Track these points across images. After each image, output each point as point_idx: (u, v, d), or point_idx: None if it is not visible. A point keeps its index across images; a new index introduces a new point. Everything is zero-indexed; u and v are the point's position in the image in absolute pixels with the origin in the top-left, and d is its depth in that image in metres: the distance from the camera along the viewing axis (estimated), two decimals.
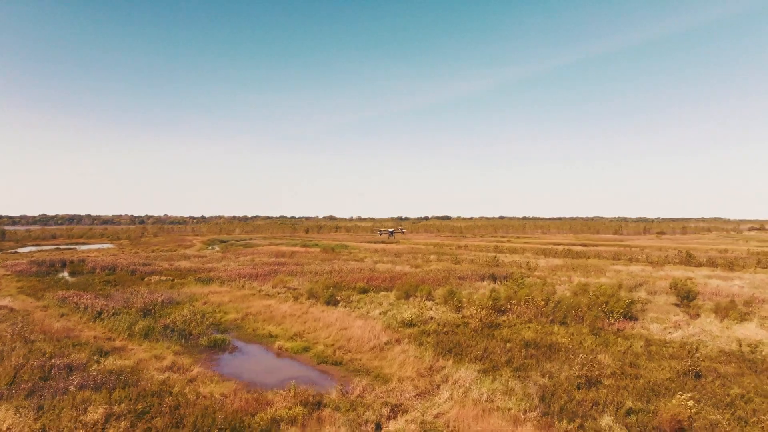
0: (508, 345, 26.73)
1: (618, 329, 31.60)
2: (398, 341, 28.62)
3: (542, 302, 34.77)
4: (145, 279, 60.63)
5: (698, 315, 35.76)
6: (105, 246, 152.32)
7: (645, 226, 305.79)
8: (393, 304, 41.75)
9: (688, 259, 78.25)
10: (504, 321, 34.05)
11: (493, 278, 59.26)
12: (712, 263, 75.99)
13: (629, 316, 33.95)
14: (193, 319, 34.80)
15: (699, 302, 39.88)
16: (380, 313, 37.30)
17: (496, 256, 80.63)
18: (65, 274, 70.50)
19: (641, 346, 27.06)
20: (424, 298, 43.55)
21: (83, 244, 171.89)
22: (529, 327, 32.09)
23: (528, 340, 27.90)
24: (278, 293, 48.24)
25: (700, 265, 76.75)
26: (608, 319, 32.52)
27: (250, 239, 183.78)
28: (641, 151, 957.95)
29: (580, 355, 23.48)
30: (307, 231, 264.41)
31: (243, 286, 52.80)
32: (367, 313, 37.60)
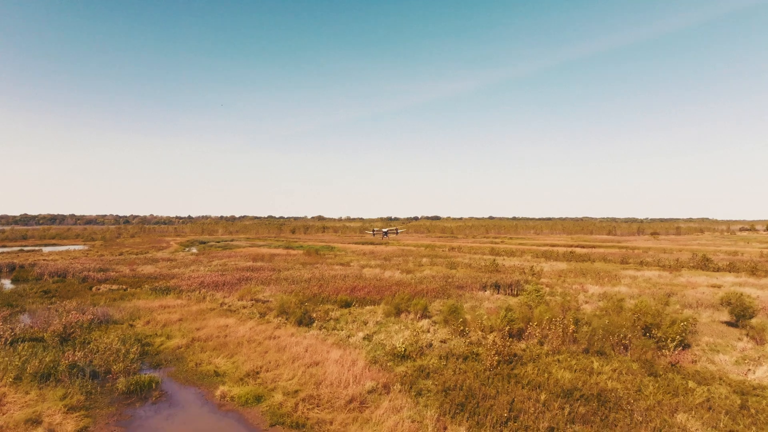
0: (542, 396, 18.91)
1: (672, 363, 24.03)
2: (387, 387, 20.68)
3: (572, 325, 27.03)
4: (94, 288, 51.94)
5: (765, 340, 28.35)
6: (75, 248, 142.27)
7: (639, 226, 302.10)
8: (381, 324, 33.83)
9: (704, 263, 71.47)
10: (524, 351, 26.27)
11: (497, 287, 51.62)
12: (732, 268, 69.26)
13: (683, 344, 26.39)
14: (122, 347, 26.49)
15: (762, 321, 32.36)
16: (364, 338, 29.35)
17: (494, 260, 73.17)
18: (7, 281, 61.38)
19: (725, 395, 19.45)
20: (418, 315, 35.68)
21: (54, 245, 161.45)
22: (558, 360, 24.35)
23: (565, 386, 20.12)
24: (243, 308, 40.03)
25: (718, 269, 70.02)
26: (661, 350, 24.89)
27: (232, 240, 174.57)
28: (630, 152, 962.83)
29: (655, 419, 15.79)
30: (293, 231, 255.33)
31: (203, 298, 44.47)
32: (348, 337, 29.60)
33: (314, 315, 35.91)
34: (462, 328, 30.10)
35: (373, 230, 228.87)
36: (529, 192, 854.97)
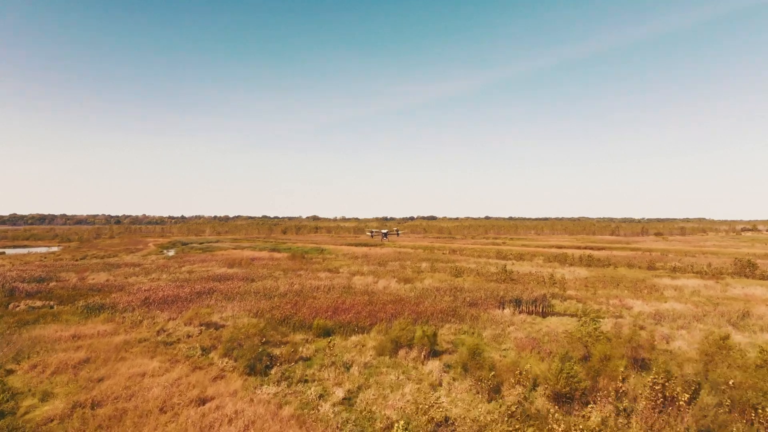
0: None
1: None
2: None
3: (684, 394, 16.72)
4: (12, 305, 41.26)
5: None
6: (44, 249, 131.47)
7: (643, 226, 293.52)
8: (370, 369, 23.53)
9: (749, 269, 61.64)
10: (602, 429, 15.98)
11: (517, 303, 41.50)
12: None
13: None
14: None
15: None
16: (343, 400, 19.08)
17: (505, 266, 62.99)
18: None
19: None
20: (424, 353, 25.41)
21: (25, 246, 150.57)
22: None
23: None
24: (186, 337, 29.66)
25: (764, 277, 60.25)
26: None
27: (217, 241, 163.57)
28: (625, 152, 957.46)
29: None
30: (284, 232, 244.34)
31: (140, 322, 33.92)
32: (318, 399, 19.28)
33: (277, 352, 25.58)
34: (491, 379, 19.86)
35: (371, 231, 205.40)
36: (526, 192, 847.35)
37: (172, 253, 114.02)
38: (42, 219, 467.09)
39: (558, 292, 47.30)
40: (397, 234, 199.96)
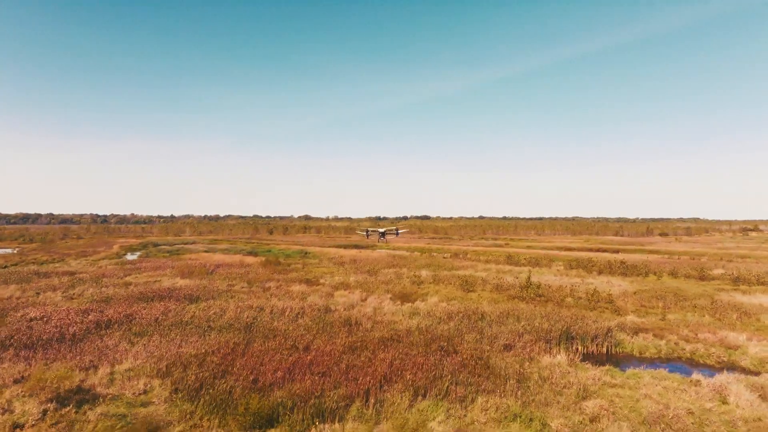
0: None
1: None
2: None
3: None
4: None
5: None
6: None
7: (648, 226, 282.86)
8: None
9: None
10: None
11: (570, 338, 28.25)
12: None
13: None
14: None
15: None
16: None
17: (528, 277, 49.57)
18: None
19: None
20: None
21: None
22: None
23: None
24: None
25: None
26: None
27: (194, 242, 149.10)
28: (617, 152, 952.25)
29: None
30: (270, 232, 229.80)
31: None
32: None
33: None
34: None
35: (366, 230, 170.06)
36: (519, 191, 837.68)
37: (133, 256, 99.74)
38: (26, 218, 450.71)
39: (616, 318, 34.11)
40: (397, 234, 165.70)
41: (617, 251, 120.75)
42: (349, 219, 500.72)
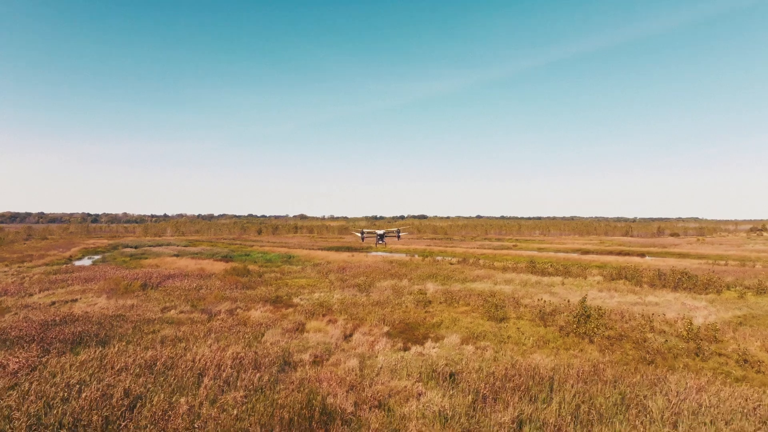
0: None
1: None
2: None
3: None
4: None
5: None
6: None
7: (659, 226, 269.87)
8: None
9: None
10: None
11: None
12: None
13: None
14: None
15: None
16: None
17: (584, 300, 35.33)
18: None
19: None
20: None
21: None
22: None
23: None
24: None
25: None
26: None
27: (169, 244, 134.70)
28: (616, 151, 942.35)
29: None
30: (259, 232, 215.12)
31: None
32: None
33: None
34: None
35: (362, 231, 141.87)
36: (517, 191, 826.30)
37: (88, 261, 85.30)
38: (13, 217, 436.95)
39: (727, 365, 20.26)
40: (398, 236, 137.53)
41: (643, 255, 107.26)
42: (346, 218, 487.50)
